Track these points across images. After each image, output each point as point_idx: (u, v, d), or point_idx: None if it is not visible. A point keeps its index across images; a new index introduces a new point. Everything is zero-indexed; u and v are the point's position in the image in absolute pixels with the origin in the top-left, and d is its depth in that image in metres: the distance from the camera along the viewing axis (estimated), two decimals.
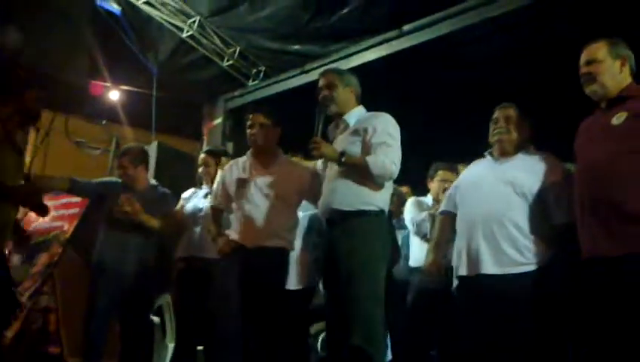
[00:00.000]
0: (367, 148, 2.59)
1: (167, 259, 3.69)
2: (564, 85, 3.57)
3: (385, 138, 2.58)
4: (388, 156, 2.53)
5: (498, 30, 4.10)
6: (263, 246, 2.85)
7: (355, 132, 2.66)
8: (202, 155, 3.78)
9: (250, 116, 3.07)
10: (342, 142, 2.68)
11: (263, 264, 2.81)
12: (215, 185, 3.30)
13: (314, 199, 2.94)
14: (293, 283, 3.16)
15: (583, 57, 2.35)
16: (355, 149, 2.61)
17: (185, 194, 3.81)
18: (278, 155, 3.13)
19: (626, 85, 2.30)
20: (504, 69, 4.36)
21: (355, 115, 2.75)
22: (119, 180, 3.65)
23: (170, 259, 3.68)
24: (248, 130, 3.05)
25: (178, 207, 3.72)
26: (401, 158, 2.60)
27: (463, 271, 2.52)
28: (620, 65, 2.29)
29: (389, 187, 2.68)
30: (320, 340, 3.72)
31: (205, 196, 3.65)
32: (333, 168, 2.69)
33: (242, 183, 3.01)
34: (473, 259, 2.47)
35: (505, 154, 2.62)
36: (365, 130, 2.61)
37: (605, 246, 2.13)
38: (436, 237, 2.85)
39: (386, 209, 2.66)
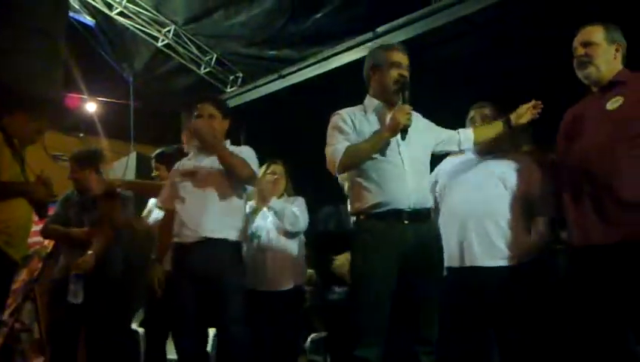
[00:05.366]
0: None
1: (135, 271, 3.49)
2: (540, 78, 3.67)
3: None
4: None
5: (472, 28, 4.16)
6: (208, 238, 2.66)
7: (428, 125, 2.55)
8: (152, 161, 3.56)
9: (198, 106, 2.85)
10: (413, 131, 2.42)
11: (209, 257, 2.65)
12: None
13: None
14: (287, 282, 3.15)
15: (579, 39, 2.32)
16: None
17: (152, 201, 3.54)
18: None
19: (619, 71, 2.27)
20: (480, 67, 4.42)
21: None
22: (68, 193, 3.58)
23: (137, 271, 3.42)
24: (194, 121, 2.82)
25: (146, 212, 3.56)
26: None
27: (454, 263, 2.53)
28: (614, 50, 2.28)
29: None
30: (309, 341, 3.72)
31: None
32: (391, 159, 2.36)
33: (187, 175, 2.82)
34: (465, 252, 2.49)
35: (486, 151, 2.65)
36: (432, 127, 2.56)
37: (600, 233, 2.11)
38: None
39: None
